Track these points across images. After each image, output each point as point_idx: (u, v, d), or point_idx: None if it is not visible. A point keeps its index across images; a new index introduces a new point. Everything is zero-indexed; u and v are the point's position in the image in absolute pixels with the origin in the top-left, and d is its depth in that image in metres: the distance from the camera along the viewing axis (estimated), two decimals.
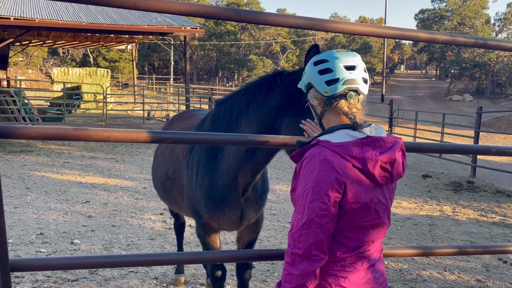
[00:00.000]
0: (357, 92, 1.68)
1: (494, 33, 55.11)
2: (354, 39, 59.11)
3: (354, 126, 1.68)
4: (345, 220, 1.61)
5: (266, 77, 2.58)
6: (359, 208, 1.61)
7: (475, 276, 5.12)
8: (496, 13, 72.06)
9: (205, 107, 20.44)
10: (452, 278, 5.02)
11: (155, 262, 1.83)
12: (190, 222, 6.32)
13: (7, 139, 1.47)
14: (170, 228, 6.41)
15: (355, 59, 1.70)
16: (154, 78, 46.41)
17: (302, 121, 2.28)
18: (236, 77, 57.24)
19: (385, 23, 40.82)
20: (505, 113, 31.35)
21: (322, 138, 1.68)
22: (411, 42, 69.34)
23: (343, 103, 1.69)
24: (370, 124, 1.70)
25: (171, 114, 21.06)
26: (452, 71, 56.51)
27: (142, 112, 20.39)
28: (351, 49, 58.08)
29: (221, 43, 53.83)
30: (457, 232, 6.99)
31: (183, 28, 16.57)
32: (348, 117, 1.69)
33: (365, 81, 1.70)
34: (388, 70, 64.71)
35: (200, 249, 5.40)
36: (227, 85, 52.47)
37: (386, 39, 40.22)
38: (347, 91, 1.67)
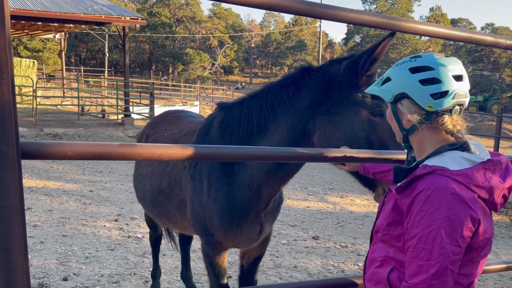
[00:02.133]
0: (462, 106, 1.47)
1: (418, 36, 58.83)
2: (289, 37, 60.00)
3: (464, 146, 1.46)
4: (466, 257, 1.40)
5: (292, 75, 2.32)
6: (484, 245, 1.41)
7: None
8: (420, 16, 76.69)
9: (146, 102, 19.56)
10: None
11: None
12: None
13: (34, 159, 1.10)
14: (129, 237, 5.90)
15: (461, 67, 1.47)
16: (82, 70, 43.78)
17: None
18: (171, 70, 55.68)
19: (320, 22, 41.88)
20: None
21: (431, 163, 1.44)
22: (341, 41, 71.78)
23: (447, 119, 1.45)
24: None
25: (107, 109, 19.87)
26: (379, 71, 59.41)
27: (73, 106, 19.03)
28: (287, 46, 59.00)
29: (156, 35, 52.02)
30: None
31: (122, 18, 15.64)
32: (455, 135, 1.46)
33: (469, 92, 1.50)
34: None
35: (177, 263, 4.96)
36: (162, 79, 50.87)
37: (321, 38, 41.26)
38: (453, 105, 1.45)
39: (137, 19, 16.14)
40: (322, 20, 42.28)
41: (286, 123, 2.23)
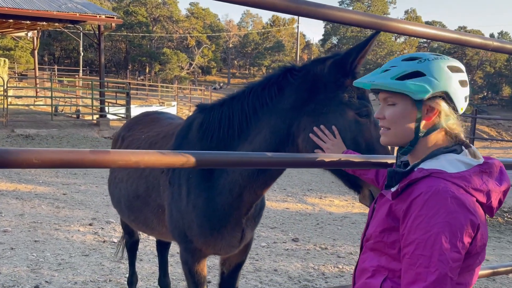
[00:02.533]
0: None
1: (394, 37, 59.82)
2: (267, 37, 60.01)
3: (467, 148, 1.43)
4: (463, 265, 1.34)
5: (275, 75, 2.23)
6: (481, 251, 1.36)
7: None
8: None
9: (122, 102, 19.21)
10: None
11: None
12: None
13: None
14: (104, 241, 5.72)
15: None
16: (56, 69, 42.72)
17: (315, 128, 1.99)
18: (147, 70, 54.91)
19: (298, 23, 42.12)
20: None
21: (427, 166, 1.38)
22: (318, 42, 72.38)
23: (456, 122, 1.44)
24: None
25: (82, 109, 19.42)
26: None
27: (46, 107, 18.51)
28: (265, 47, 59.04)
29: (132, 34, 51.20)
30: None
31: (97, 16, 15.28)
32: (460, 137, 1.44)
33: None
34: None
35: (154, 268, 4.82)
36: (139, 79, 50.11)
37: (298, 38, 41.50)
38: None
39: (113, 17, 15.80)
40: (299, 21, 42.57)
41: (269, 125, 2.15)
